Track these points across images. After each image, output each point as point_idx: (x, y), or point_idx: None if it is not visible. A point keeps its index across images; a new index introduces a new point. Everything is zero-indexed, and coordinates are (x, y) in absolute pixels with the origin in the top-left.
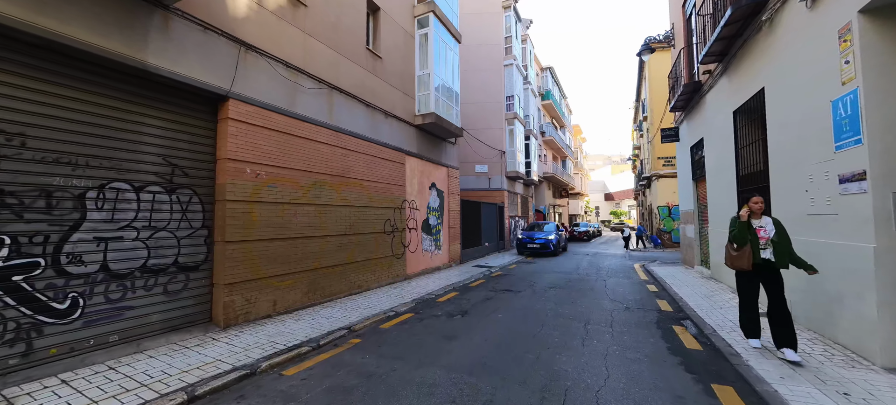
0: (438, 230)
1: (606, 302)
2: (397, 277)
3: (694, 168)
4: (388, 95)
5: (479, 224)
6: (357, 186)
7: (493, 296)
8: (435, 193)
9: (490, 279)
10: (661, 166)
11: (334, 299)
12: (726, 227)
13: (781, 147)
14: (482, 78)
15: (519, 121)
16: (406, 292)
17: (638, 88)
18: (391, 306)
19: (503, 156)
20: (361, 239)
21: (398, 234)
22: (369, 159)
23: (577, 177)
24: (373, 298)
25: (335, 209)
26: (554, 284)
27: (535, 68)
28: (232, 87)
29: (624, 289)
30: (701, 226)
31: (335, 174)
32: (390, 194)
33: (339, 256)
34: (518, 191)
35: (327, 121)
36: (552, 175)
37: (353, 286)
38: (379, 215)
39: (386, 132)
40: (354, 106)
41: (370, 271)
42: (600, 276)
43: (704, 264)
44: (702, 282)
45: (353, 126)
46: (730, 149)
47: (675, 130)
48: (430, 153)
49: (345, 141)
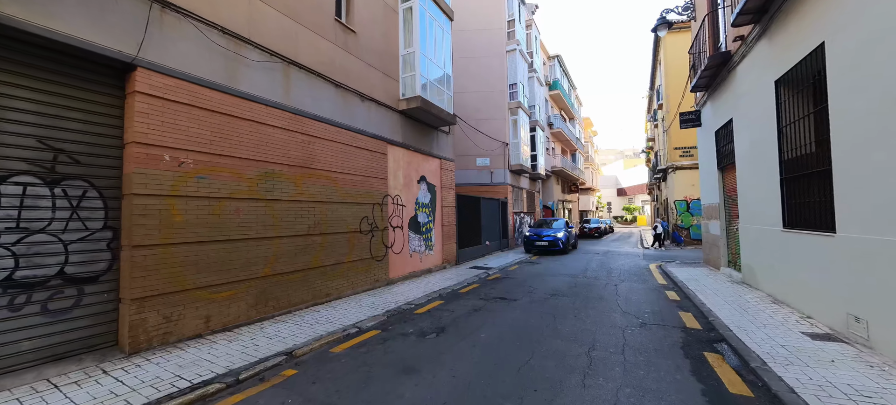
0: (429, 228)
1: (617, 315)
2: (378, 283)
3: (719, 155)
4: (364, 76)
5: (479, 221)
6: (324, 179)
7: (482, 307)
8: (425, 187)
9: (485, 284)
10: (679, 157)
11: (293, 311)
12: (762, 222)
13: (854, 119)
14: (483, 65)
15: (523, 110)
16: (382, 301)
17: (652, 75)
18: (357, 320)
19: (506, 148)
20: (330, 240)
21: (379, 234)
22: (341, 148)
23: (588, 171)
24: (341, 309)
25: (294, 205)
26: (556, 291)
27: (541, 56)
28: (140, 54)
29: (638, 297)
30: (728, 222)
31: (294, 164)
32: (368, 188)
33: (300, 260)
34: (523, 185)
35: (282, 101)
36: (561, 169)
37: (318, 295)
38: (354, 212)
39: (362, 117)
40: (320, 86)
41: (342, 276)
42: (611, 280)
43: (733, 266)
44: (732, 288)
45: (319, 109)
46: (770, 128)
47: (697, 114)
48: (418, 143)
49: (307, 126)
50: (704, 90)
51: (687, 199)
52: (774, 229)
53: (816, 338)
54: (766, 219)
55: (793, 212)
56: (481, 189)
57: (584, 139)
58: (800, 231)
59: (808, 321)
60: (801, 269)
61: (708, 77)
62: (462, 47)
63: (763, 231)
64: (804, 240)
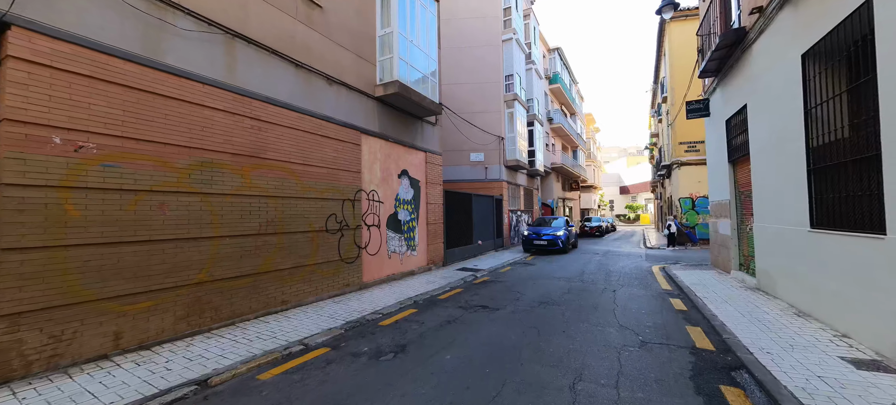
0: (412, 227)
1: (613, 330)
2: (348, 287)
3: (731, 146)
4: (332, 56)
5: (470, 219)
6: (281, 171)
7: (458, 319)
8: (407, 183)
9: (469, 288)
10: (684, 152)
11: (237, 322)
12: (782, 220)
13: None
14: (477, 55)
15: (520, 103)
16: (346, 310)
17: (656, 67)
18: (308, 334)
19: (501, 142)
20: (288, 240)
21: (350, 233)
22: (302, 136)
23: (590, 168)
24: (295, 320)
25: (240, 200)
26: (547, 297)
27: (541, 48)
28: (13, 9)
29: (639, 306)
30: (740, 221)
31: (241, 153)
32: (337, 182)
33: (248, 264)
34: (520, 182)
35: (225, 80)
36: (561, 166)
37: (272, 302)
38: (318, 209)
39: (330, 103)
40: (275, 64)
41: (303, 281)
42: (609, 284)
43: (746, 270)
44: (746, 296)
45: (273, 91)
46: (794, 111)
47: (705, 103)
48: (399, 133)
49: (258, 110)
50: (714, 75)
51: (692, 197)
52: (798, 229)
53: (862, 366)
54: (787, 216)
55: (823, 208)
56: (475, 185)
57: (586, 136)
58: (833, 231)
59: (845, 342)
60: (835, 278)
61: (719, 59)
62: (454, 36)
63: (783, 231)
64: (839, 243)
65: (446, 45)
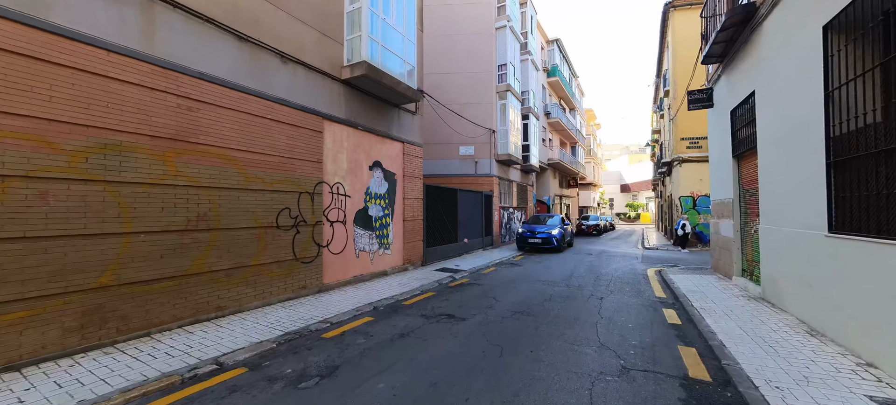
0: (386, 223)
1: (591, 350)
2: (304, 290)
3: (736, 139)
4: (288, 32)
5: (455, 215)
6: (218, 158)
7: (415, 331)
8: (380, 175)
9: (442, 292)
10: (686, 148)
11: (153, 333)
12: (794, 222)
13: None
14: (468, 43)
15: (513, 94)
16: (293, 317)
17: (659, 60)
18: (228, 350)
19: (493, 135)
20: (227, 237)
21: (307, 230)
22: (247, 119)
23: (590, 166)
24: (227, 330)
25: (162, 190)
26: (524, 305)
27: (539, 39)
28: None
29: (627, 318)
30: (744, 222)
31: (162, 135)
32: (292, 172)
33: (172, 264)
34: (513, 178)
35: (141, 49)
36: (558, 162)
37: (204, 309)
38: (267, 202)
39: (283, 84)
40: (211, 35)
41: (247, 284)
42: (598, 290)
43: (750, 276)
44: (749, 307)
45: (209, 66)
46: (811, 94)
47: (708, 93)
48: (371, 121)
49: (187, 86)
50: (718, 61)
51: (694, 195)
52: (814, 233)
53: None
54: (799, 218)
55: (845, 209)
56: (464, 180)
57: (586, 132)
58: (857, 237)
59: (871, 373)
60: (858, 292)
61: (724, 42)
62: (444, 22)
63: (795, 235)
64: (865, 251)
65: (435, 33)
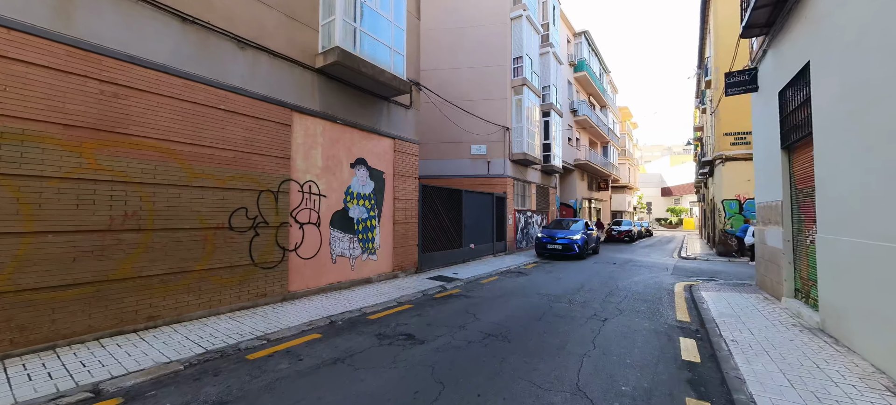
0: (371, 226)
1: (560, 398)
2: (264, 298)
3: (785, 126)
4: (247, 14)
5: (459, 219)
6: (154, 151)
7: (356, 355)
8: (364, 174)
9: (422, 305)
10: (730, 145)
11: (60, 345)
12: (866, 231)
13: None
14: (480, 35)
15: (530, 89)
16: (232, 331)
17: (700, 48)
18: (124, 372)
19: (507, 133)
20: (163, 238)
21: (269, 232)
22: (193, 109)
23: (624, 167)
24: (146, 343)
25: (77, 185)
26: (503, 326)
27: (563, 31)
28: None
29: (627, 350)
30: (797, 229)
31: (80, 125)
32: (251, 169)
33: (89, 268)
34: (532, 179)
35: (52, 27)
36: (586, 163)
37: (131, 318)
38: (217, 200)
39: (240, 71)
40: (146, 15)
41: (188, 290)
42: (605, 308)
43: (805, 299)
44: (802, 342)
45: (143, 49)
46: (892, 52)
47: (750, 74)
48: (353, 115)
49: (115, 71)
50: (763, 31)
51: (740, 198)
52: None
53: None
54: (873, 225)
55: None
56: (475, 181)
57: (620, 130)
58: None
59: None
60: None
61: (769, 3)
62: (453, 13)
63: (867, 248)
64: None
65: (443, 26)
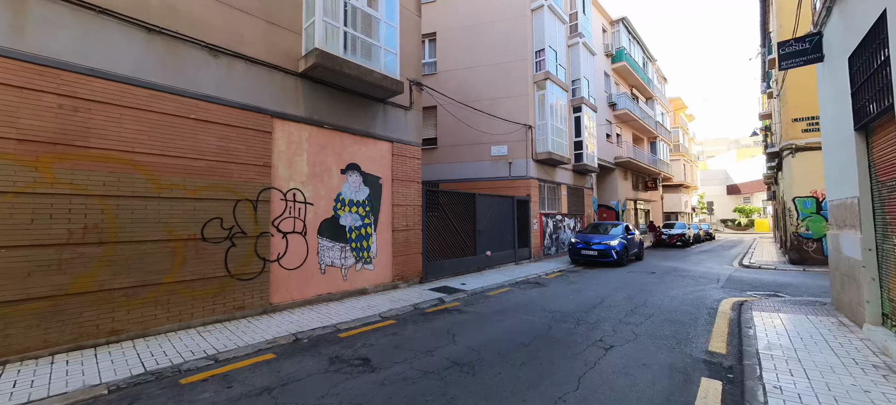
0: (365, 234)
1: None
2: (242, 311)
3: (859, 101)
4: (221, 21)
5: (472, 224)
6: (117, 163)
7: (289, 385)
8: (357, 180)
9: (403, 321)
10: (801, 132)
11: (11, 361)
12: None
13: None
14: (498, 31)
15: (555, 83)
16: (188, 347)
17: (762, 22)
18: (40, 397)
19: (530, 131)
20: (127, 251)
21: (247, 242)
22: (160, 120)
23: (678, 163)
24: (96, 360)
25: (33, 199)
26: (476, 353)
27: (597, 19)
28: None
29: (616, 396)
30: (882, 235)
31: (36, 139)
32: (227, 178)
33: (44, 283)
34: (561, 180)
35: (6, 45)
36: (629, 160)
37: (91, 333)
38: (188, 211)
39: (213, 79)
40: (107, 28)
41: (157, 304)
42: (615, 332)
43: (895, 327)
44: (886, 396)
45: (104, 61)
46: None
47: (812, 40)
48: (344, 119)
49: (74, 84)
50: None
51: (817, 195)
52: None
53: None
54: None
55: None
56: (497, 184)
57: (672, 124)
58: None
59: None
60: None
61: None
62: (468, 11)
63: None
64: None
65: (456, 24)
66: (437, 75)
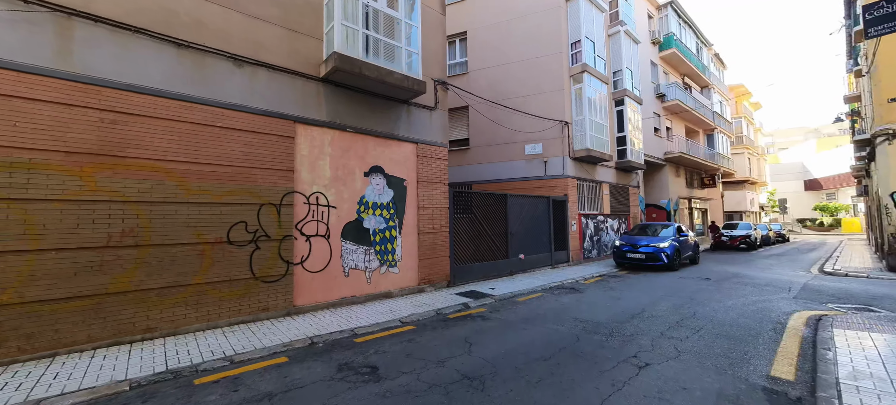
0: (390, 237)
1: None
2: (267, 312)
3: None
4: (244, 32)
5: (503, 226)
6: (151, 171)
7: (293, 390)
8: (381, 182)
9: (423, 328)
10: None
11: (61, 354)
12: None
13: None
14: (528, 25)
15: (593, 75)
16: (210, 347)
17: None
18: (72, 389)
19: (566, 128)
20: (160, 254)
21: (271, 245)
22: (189, 129)
23: (741, 157)
24: (129, 355)
25: (77, 206)
26: (490, 366)
27: (641, 4)
28: None
29: None
30: None
31: (79, 151)
32: (252, 183)
33: (88, 282)
34: (603, 178)
35: (55, 66)
36: (681, 155)
37: (127, 330)
38: (215, 216)
39: (237, 88)
40: (142, 45)
41: (185, 303)
42: (654, 347)
43: None
44: None
45: (139, 76)
46: None
47: None
48: (366, 122)
49: (113, 99)
50: None
51: None
52: None
53: None
54: None
55: None
56: (531, 184)
57: (732, 113)
58: None
59: None
60: None
61: None
62: (497, 8)
63: None
64: None
65: (485, 23)
66: (468, 75)
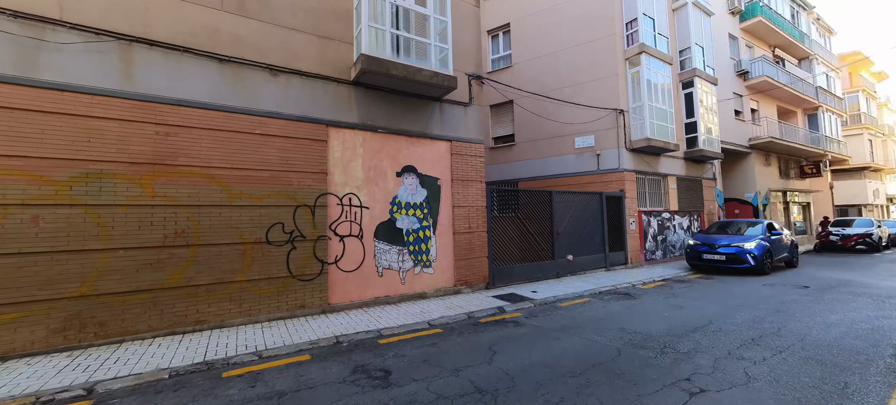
0: (425, 237)
1: None
2: (303, 309)
3: None
4: (278, 43)
5: (548, 225)
6: (197, 177)
7: (303, 390)
8: (414, 182)
9: (451, 332)
10: None
11: (127, 340)
12: None
13: None
14: (577, 8)
15: (653, 57)
16: (247, 341)
17: None
18: (125, 374)
19: (622, 116)
20: (207, 253)
21: (306, 245)
22: (230, 137)
23: (858, 139)
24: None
25: (138, 210)
26: (510, 379)
27: None
28: None
29: None
30: None
31: (140, 161)
32: (287, 186)
33: (148, 278)
34: (668, 170)
35: (121, 88)
36: (771, 140)
37: (181, 322)
38: (255, 217)
39: (273, 97)
40: (189, 63)
41: (231, 299)
42: (717, 369)
43: None
44: None
45: (187, 92)
46: None
47: None
48: (398, 121)
49: (165, 114)
50: None
51: None
52: None
53: None
54: None
55: None
56: (582, 180)
57: (844, 88)
58: None
59: None
60: None
61: None
62: None
63: None
64: None
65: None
66: (512, 68)
